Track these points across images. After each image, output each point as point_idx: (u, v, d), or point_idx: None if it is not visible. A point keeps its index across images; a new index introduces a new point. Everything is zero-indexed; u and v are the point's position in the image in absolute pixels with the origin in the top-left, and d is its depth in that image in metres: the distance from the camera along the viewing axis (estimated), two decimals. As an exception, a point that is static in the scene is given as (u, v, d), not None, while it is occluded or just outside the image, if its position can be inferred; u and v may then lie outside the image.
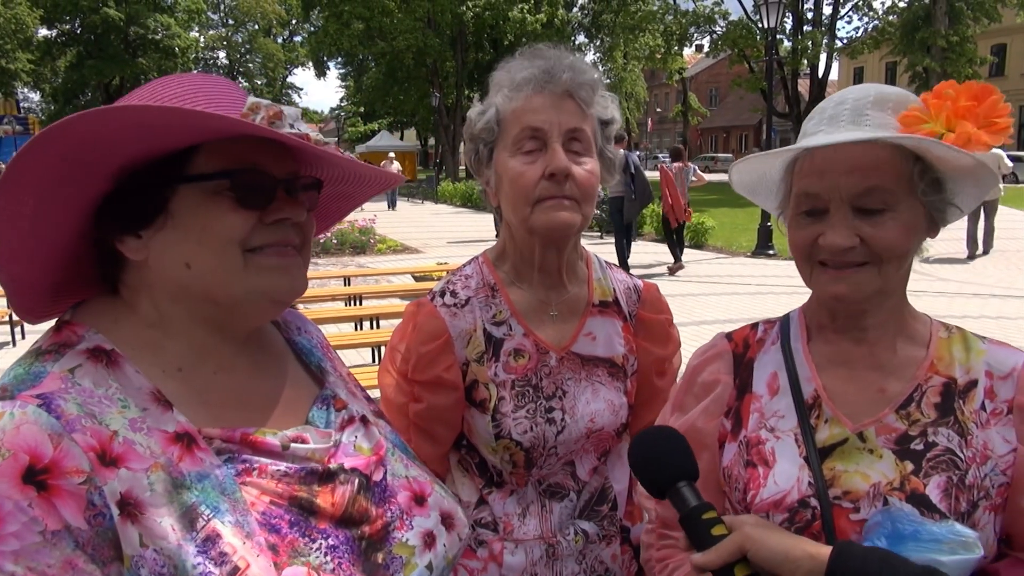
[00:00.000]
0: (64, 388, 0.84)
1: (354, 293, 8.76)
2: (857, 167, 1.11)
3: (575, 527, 1.52)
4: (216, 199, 0.92)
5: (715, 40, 36.57)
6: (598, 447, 1.54)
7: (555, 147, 1.38)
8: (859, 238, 1.12)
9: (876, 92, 1.18)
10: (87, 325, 0.93)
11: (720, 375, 1.32)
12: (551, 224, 1.41)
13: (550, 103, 1.39)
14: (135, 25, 52.14)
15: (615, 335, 1.56)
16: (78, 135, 0.81)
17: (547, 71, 1.39)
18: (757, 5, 18.76)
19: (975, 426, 1.16)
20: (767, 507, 1.16)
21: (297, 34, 70.66)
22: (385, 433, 1.13)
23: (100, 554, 0.79)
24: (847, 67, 54.26)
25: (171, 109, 0.85)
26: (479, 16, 38.31)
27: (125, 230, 0.92)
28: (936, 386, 1.19)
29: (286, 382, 1.07)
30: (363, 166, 1.08)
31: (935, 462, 1.14)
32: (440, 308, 1.50)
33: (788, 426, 1.22)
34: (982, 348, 1.23)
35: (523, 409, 1.46)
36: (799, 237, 1.19)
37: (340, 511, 0.95)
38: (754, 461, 1.21)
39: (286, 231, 0.98)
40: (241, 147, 0.93)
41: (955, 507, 1.11)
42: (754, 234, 15.74)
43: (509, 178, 1.41)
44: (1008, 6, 31.47)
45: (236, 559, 0.83)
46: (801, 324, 1.31)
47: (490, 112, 1.43)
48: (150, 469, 0.84)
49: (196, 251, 0.92)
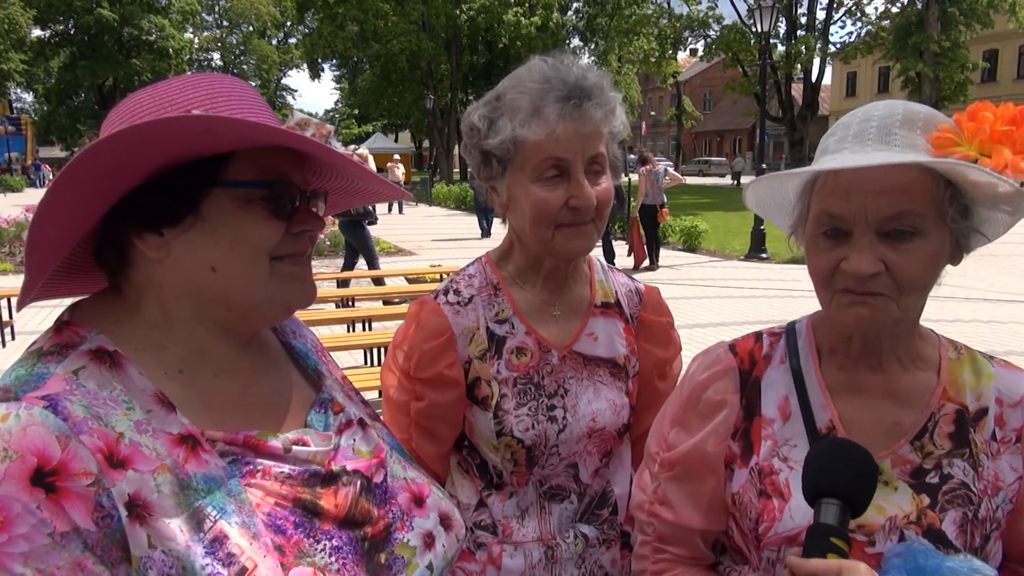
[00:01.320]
0: (69, 390, 0.84)
1: (347, 295, 8.75)
2: (887, 189, 1.05)
3: (575, 530, 1.52)
4: (250, 207, 0.93)
5: (709, 44, 36.71)
6: (600, 448, 1.53)
7: (580, 179, 1.38)
8: (884, 264, 1.07)
9: (904, 110, 1.11)
10: (88, 326, 0.93)
11: (727, 395, 1.27)
12: (572, 251, 1.45)
13: (576, 135, 1.36)
14: (129, 26, 52.11)
15: (617, 336, 1.56)
16: (144, 137, 0.82)
17: (577, 105, 1.35)
18: (751, 9, 18.80)
19: (986, 457, 1.15)
20: (781, 541, 1.14)
21: (291, 36, 70.69)
22: (383, 436, 1.14)
23: (109, 555, 0.79)
24: (840, 72, 54.47)
25: (249, 123, 0.86)
26: (473, 19, 38.42)
27: (148, 226, 0.91)
28: (949, 414, 1.17)
29: (284, 386, 1.08)
30: (379, 182, 1.11)
31: (951, 496, 1.12)
32: (443, 306, 1.50)
33: (801, 456, 1.16)
34: (992, 372, 1.21)
35: (525, 407, 1.46)
36: (820, 263, 1.12)
37: (343, 512, 0.96)
38: (768, 492, 1.18)
39: (304, 242, 1.00)
40: (271, 157, 0.94)
41: (970, 543, 1.10)
42: (747, 238, 15.77)
43: (530, 203, 1.40)
44: (1000, 12, 31.67)
45: (244, 560, 0.84)
46: (811, 344, 1.26)
47: (505, 134, 1.39)
48: (157, 471, 0.84)
49: (226, 256, 0.93)
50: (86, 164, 0.82)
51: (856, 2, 36.38)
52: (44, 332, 0.94)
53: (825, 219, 1.11)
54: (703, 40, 37.78)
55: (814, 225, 1.13)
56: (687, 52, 44.51)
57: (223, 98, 0.92)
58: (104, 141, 0.81)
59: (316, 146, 0.91)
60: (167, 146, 0.86)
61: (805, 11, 36.27)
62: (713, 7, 36.69)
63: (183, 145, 0.87)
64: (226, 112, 0.90)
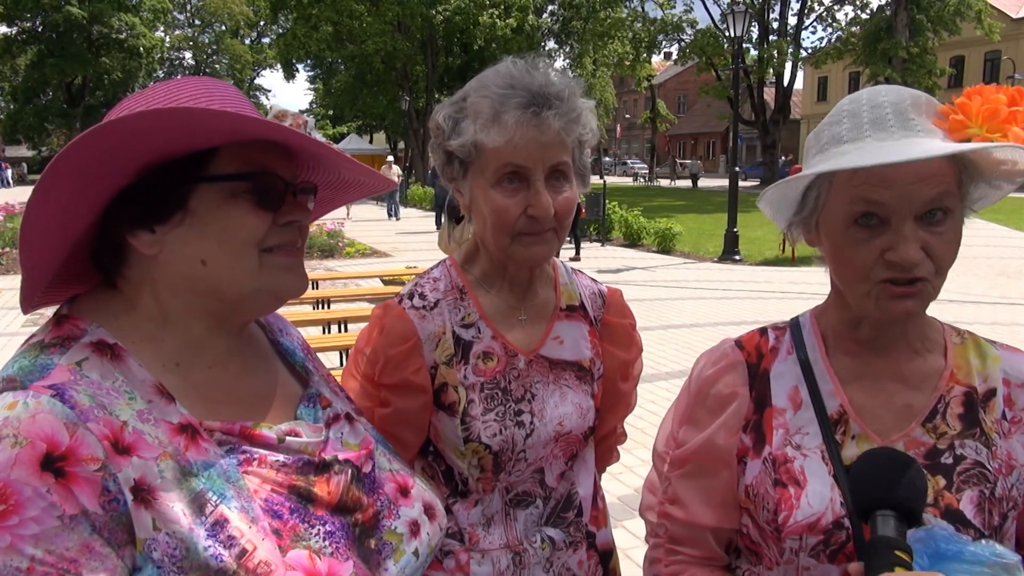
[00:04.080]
0: (74, 380, 0.87)
1: (322, 296, 8.68)
2: (926, 175, 1.06)
3: (541, 534, 1.51)
4: (235, 200, 0.96)
5: (683, 48, 37.06)
6: (566, 451, 1.53)
7: (539, 188, 1.35)
8: (923, 250, 1.07)
9: (908, 94, 1.12)
10: (88, 319, 0.96)
11: (736, 387, 1.27)
12: (530, 258, 1.42)
13: (535, 144, 1.33)
14: (98, 24, 51.26)
15: (582, 339, 1.56)
16: (125, 132, 0.85)
17: (535, 113, 1.32)
18: (724, 14, 19.00)
19: (998, 436, 1.16)
20: (801, 529, 1.14)
21: (265, 36, 70.03)
22: (369, 430, 1.18)
23: (115, 538, 0.83)
24: (812, 76, 55.20)
25: (229, 113, 0.89)
26: (449, 20, 38.32)
27: (140, 224, 0.95)
28: (958, 396, 1.18)
29: (274, 380, 1.11)
30: (366, 172, 1.13)
31: (966, 476, 1.13)
32: (409, 310, 1.48)
33: (814, 443, 1.18)
34: (997, 354, 1.22)
35: (492, 412, 1.45)
36: (860, 254, 1.10)
37: (336, 499, 1.00)
38: (783, 481, 1.18)
39: (293, 232, 1.03)
40: (254, 151, 0.97)
41: (989, 522, 1.10)
42: (721, 240, 15.90)
43: (489, 209, 1.38)
44: (967, 19, 32.32)
45: (244, 542, 0.87)
46: (816, 334, 1.26)
47: (467, 137, 1.38)
48: (159, 458, 0.88)
49: (215, 249, 0.96)
50: (69, 160, 0.84)
51: (827, 8, 36.93)
52: (43, 325, 0.97)
53: (862, 206, 1.09)
54: (677, 44, 38.14)
55: (846, 215, 1.11)
56: (661, 56, 44.73)
57: (204, 96, 0.95)
58: (85, 136, 0.83)
59: (293, 134, 0.94)
60: (150, 140, 0.88)
61: (777, 16, 36.73)
62: (688, 10, 37.03)
63: (166, 139, 0.89)
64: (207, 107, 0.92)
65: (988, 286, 12.34)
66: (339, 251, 16.43)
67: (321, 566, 0.92)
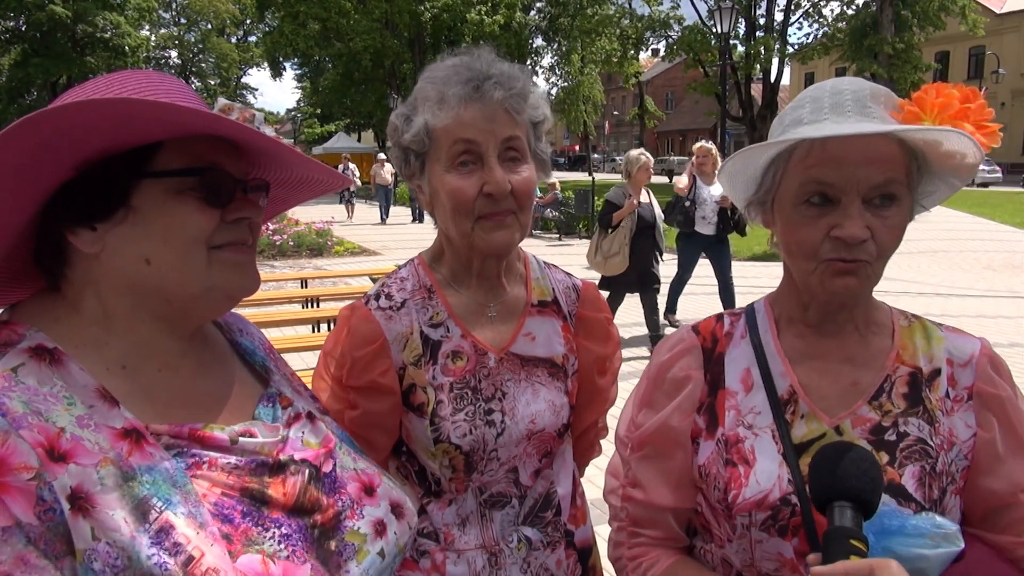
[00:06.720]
0: (8, 387, 0.84)
1: (311, 295, 8.65)
2: (876, 159, 1.10)
3: (518, 534, 1.49)
4: (181, 197, 0.93)
5: (670, 44, 37.09)
6: (540, 449, 1.51)
7: (492, 163, 1.35)
8: (869, 231, 1.11)
9: (869, 86, 1.17)
10: (27, 324, 0.92)
11: (691, 371, 1.30)
12: (493, 244, 1.40)
13: (481, 116, 1.34)
14: (83, 23, 50.81)
15: (555, 335, 1.54)
16: (60, 124, 0.82)
17: (476, 87, 1.34)
18: (711, 11, 19.03)
19: (941, 414, 1.20)
20: (750, 507, 1.17)
21: (252, 34, 69.67)
22: (332, 428, 1.15)
23: (52, 549, 0.79)
24: (798, 72, 55.35)
25: (165, 104, 0.86)
26: (437, 18, 38.21)
27: (80, 222, 0.91)
28: (904, 376, 1.22)
29: (230, 381, 1.08)
30: (321, 169, 1.10)
31: (908, 452, 1.17)
32: (375, 311, 1.46)
33: (765, 423, 1.22)
34: (941, 336, 1.26)
35: (462, 412, 1.43)
36: (808, 232, 1.14)
37: (292, 500, 0.97)
38: (734, 460, 1.21)
39: (243, 230, 1.00)
40: (201, 146, 0.94)
41: (928, 495, 1.14)
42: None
43: (446, 193, 1.37)
44: (952, 15, 32.52)
45: (190, 549, 0.84)
46: (769, 317, 1.31)
47: (418, 125, 1.38)
48: (100, 464, 0.84)
49: (159, 248, 0.93)
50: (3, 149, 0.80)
51: (813, 4, 37.06)
52: None
53: (813, 186, 1.13)
54: (664, 41, 38.16)
55: (797, 194, 1.15)
56: (649, 52, 44.87)
57: (148, 89, 0.92)
58: (12, 129, 0.80)
59: (237, 128, 0.91)
60: (87, 133, 0.85)
61: (764, 13, 36.82)
62: (675, 7, 37.08)
63: (104, 133, 0.86)
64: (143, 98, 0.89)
65: (974, 279, 12.46)
66: (328, 250, 16.38)
67: (275, 570, 0.89)
